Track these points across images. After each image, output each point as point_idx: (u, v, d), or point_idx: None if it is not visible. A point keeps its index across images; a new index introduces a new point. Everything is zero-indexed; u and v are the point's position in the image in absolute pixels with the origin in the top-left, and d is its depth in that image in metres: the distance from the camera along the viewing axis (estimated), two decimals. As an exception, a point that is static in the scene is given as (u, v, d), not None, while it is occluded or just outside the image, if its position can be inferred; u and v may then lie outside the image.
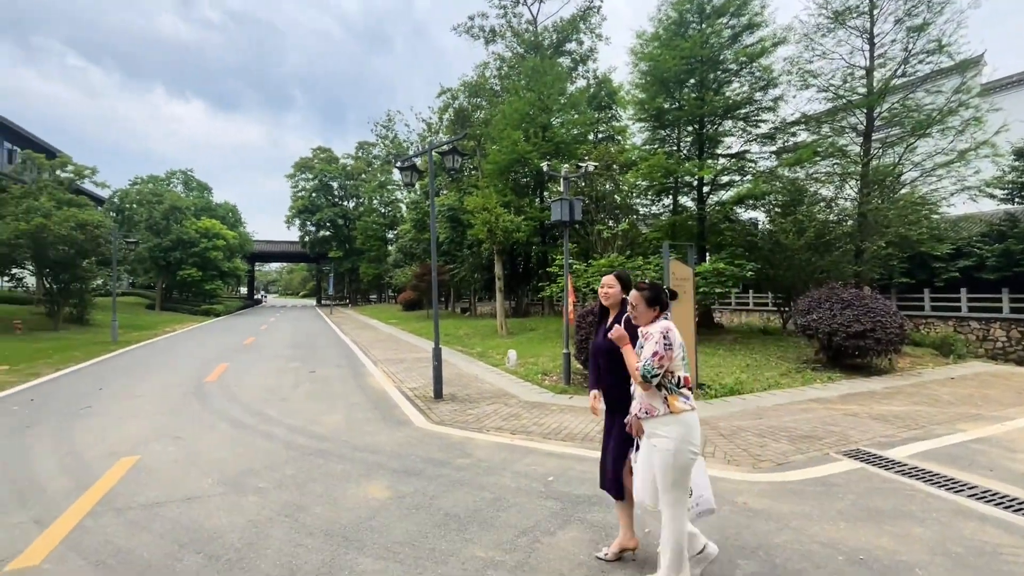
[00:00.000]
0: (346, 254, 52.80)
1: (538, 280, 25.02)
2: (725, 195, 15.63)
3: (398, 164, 7.93)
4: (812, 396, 7.38)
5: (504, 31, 27.10)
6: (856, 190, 13.35)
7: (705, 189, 15.50)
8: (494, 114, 18.62)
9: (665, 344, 2.60)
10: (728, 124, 15.48)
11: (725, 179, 15.94)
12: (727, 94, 14.61)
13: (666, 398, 2.64)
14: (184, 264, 33.28)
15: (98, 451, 5.19)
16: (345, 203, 55.67)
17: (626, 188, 17.87)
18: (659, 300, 2.77)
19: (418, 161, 9.36)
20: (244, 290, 69.09)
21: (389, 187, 52.45)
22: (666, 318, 2.77)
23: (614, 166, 18.29)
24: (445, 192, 25.11)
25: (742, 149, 15.69)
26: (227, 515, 3.66)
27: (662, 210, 18.20)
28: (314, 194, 53.68)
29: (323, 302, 59.66)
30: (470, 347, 14.02)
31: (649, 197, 17.51)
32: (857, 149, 13.49)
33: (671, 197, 17.06)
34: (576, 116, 19.95)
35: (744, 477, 4.36)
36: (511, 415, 6.60)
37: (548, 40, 26.33)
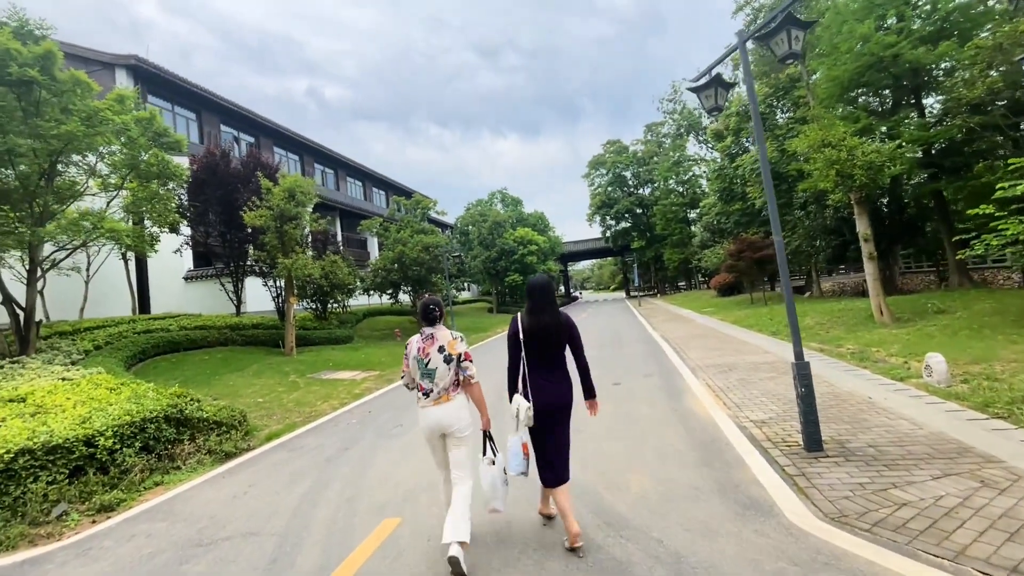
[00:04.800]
0: (648, 242, 51.22)
1: (923, 236, 17.15)
2: None
3: (692, 86, 5.18)
4: None
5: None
6: None
7: None
8: (821, 12, 13.16)
9: (405, 355, 3.46)
10: None
11: None
12: None
13: None
14: (509, 271, 37.92)
15: (373, 500, 4.41)
16: (640, 191, 54.25)
17: None
18: (421, 313, 3.48)
19: (727, 72, 6.30)
20: (563, 288, 76.29)
21: (684, 164, 48.23)
22: (421, 334, 3.41)
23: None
24: (754, 147, 20.01)
25: None
26: None
27: None
28: (609, 188, 54.14)
29: (631, 294, 59.81)
30: (832, 343, 9.70)
31: None
32: None
33: None
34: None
35: None
36: (1018, 516, 2.97)
37: None
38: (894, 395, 5.84)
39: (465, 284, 42.86)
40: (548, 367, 3.33)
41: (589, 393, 3.49)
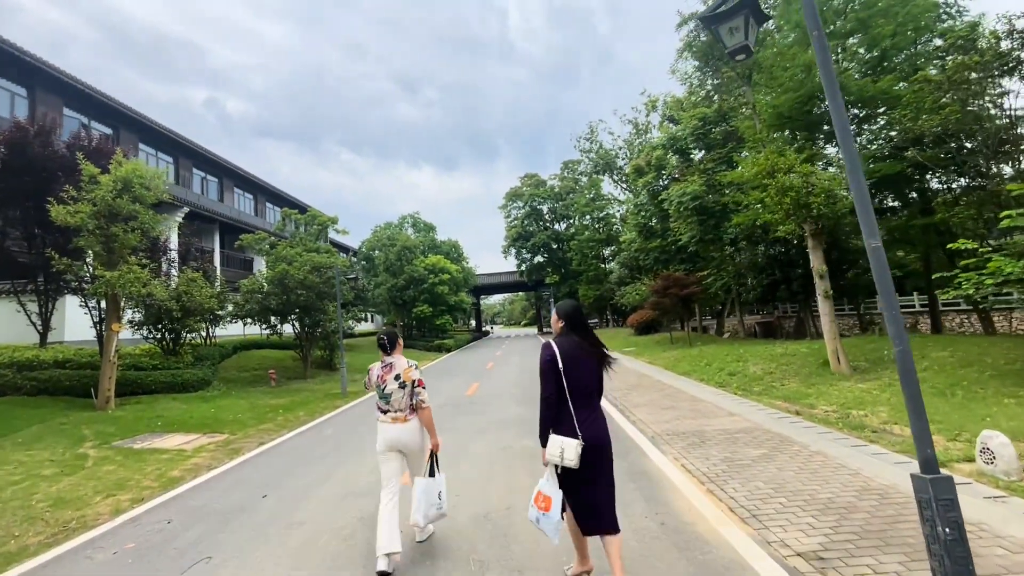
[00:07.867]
0: (563, 278, 50.74)
1: (845, 279, 17.15)
2: None
3: (710, 13, 3.15)
4: None
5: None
6: None
7: None
8: (761, 39, 12.65)
9: (367, 377, 3.92)
10: None
11: None
12: None
13: None
14: (417, 301, 34.78)
15: None
16: (556, 225, 54.27)
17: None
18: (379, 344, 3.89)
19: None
20: (474, 323, 73.87)
21: (599, 202, 49.05)
22: (381, 362, 3.84)
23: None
24: (683, 179, 19.54)
25: None
26: None
27: None
28: (526, 221, 53.49)
29: (544, 330, 58.98)
30: (799, 400, 8.19)
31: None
32: None
33: None
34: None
35: None
36: None
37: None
38: (966, 498, 4.07)
39: (367, 314, 38.77)
40: (587, 400, 2.97)
41: None
